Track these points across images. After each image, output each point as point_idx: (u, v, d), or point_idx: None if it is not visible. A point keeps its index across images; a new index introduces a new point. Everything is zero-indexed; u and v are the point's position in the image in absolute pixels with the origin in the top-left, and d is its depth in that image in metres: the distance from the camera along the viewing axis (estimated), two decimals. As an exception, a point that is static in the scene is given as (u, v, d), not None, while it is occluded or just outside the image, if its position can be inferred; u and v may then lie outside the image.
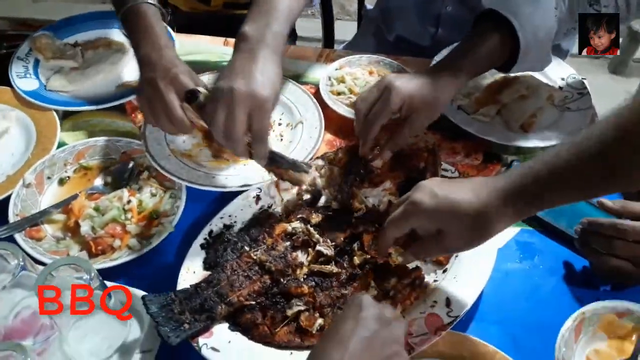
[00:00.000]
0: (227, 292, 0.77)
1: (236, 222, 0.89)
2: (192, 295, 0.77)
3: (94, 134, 1.08)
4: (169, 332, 0.73)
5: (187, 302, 0.76)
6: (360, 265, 0.81)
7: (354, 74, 1.17)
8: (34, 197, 0.95)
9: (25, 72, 1.17)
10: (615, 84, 2.68)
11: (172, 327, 0.73)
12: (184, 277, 0.81)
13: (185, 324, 0.74)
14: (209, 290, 0.77)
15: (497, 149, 1.03)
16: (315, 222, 0.87)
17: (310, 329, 0.74)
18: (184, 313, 0.75)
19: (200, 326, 0.74)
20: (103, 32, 1.27)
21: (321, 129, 1.04)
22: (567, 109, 1.09)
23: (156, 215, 0.91)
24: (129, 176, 0.97)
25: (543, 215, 0.91)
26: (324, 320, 0.75)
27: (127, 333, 0.78)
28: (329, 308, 0.76)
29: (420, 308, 0.76)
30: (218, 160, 1.02)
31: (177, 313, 0.75)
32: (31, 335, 0.77)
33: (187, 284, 0.80)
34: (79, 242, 0.89)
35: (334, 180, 0.92)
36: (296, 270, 0.80)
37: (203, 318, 0.75)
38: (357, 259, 0.81)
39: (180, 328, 0.74)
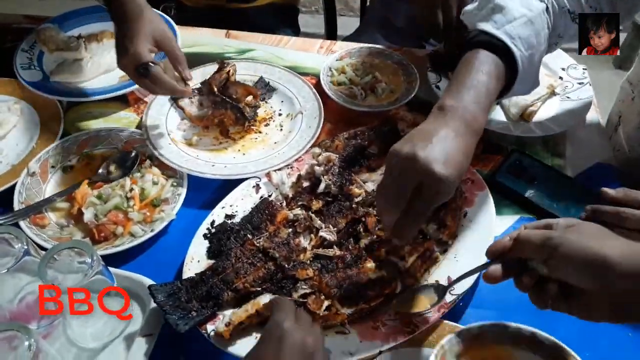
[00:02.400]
0: (233, 279, 0.78)
1: (237, 212, 0.90)
2: (198, 284, 0.78)
3: (96, 124, 1.10)
4: (177, 320, 0.74)
5: (194, 290, 0.77)
6: (368, 246, 0.82)
7: (354, 64, 1.18)
8: (38, 186, 0.96)
9: (29, 64, 1.18)
10: (619, 79, 2.65)
11: (180, 315, 0.74)
12: (188, 266, 0.83)
13: (192, 312, 0.75)
14: (215, 278, 0.78)
15: (497, 138, 1.04)
16: (316, 208, 0.88)
17: (317, 312, 0.75)
18: (191, 301, 0.76)
19: (207, 313, 0.76)
20: (107, 25, 1.27)
21: (320, 119, 1.05)
22: (567, 99, 1.09)
23: (158, 202, 0.93)
24: (131, 165, 0.98)
25: (543, 203, 0.92)
26: (330, 301, 0.76)
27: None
28: (336, 289, 0.77)
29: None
30: (217, 149, 1.03)
31: (184, 301, 0.76)
32: (35, 320, 0.79)
33: (192, 272, 0.81)
34: (82, 229, 0.91)
35: (332, 166, 0.92)
36: (299, 255, 0.81)
37: (210, 305, 0.76)
38: (363, 241, 0.82)
39: (188, 316, 0.75)
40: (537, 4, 0.82)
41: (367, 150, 0.95)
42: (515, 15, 0.79)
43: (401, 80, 1.14)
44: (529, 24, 0.79)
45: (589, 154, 1.03)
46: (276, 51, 1.27)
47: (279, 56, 1.25)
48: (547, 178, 0.96)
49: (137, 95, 1.15)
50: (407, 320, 0.75)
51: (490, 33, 0.78)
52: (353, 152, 0.95)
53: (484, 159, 1.01)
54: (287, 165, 0.97)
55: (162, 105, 1.09)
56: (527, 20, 0.79)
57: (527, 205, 0.93)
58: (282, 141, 1.04)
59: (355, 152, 0.95)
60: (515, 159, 0.98)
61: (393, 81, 1.15)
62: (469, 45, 0.80)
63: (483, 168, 0.99)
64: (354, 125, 1.03)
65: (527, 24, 0.79)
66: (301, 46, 1.28)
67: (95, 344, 0.77)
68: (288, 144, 1.02)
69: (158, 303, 0.75)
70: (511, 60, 0.78)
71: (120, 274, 0.81)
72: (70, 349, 0.77)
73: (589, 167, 1.01)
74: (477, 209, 0.88)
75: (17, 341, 0.63)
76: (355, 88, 1.12)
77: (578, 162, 1.01)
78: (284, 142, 1.03)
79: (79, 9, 1.32)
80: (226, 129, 1.05)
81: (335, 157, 0.94)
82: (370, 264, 0.79)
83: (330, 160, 0.93)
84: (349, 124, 1.06)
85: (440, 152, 0.66)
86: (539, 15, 0.81)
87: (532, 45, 0.80)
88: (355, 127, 1.01)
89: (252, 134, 1.07)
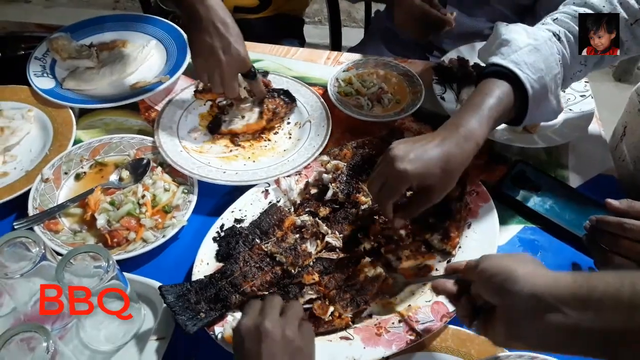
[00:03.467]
0: (241, 282, 0.80)
1: (246, 216, 0.92)
2: (207, 286, 0.80)
3: (108, 131, 1.12)
4: (186, 321, 0.75)
5: (203, 292, 0.79)
6: (370, 250, 0.84)
7: (361, 75, 1.20)
8: (51, 192, 0.98)
9: (42, 72, 1.21)
10: (620, 92, 2.70)
11: (189, 316, 0.76)
12: (197, 268, 0.84)
13: (201, 313, 0.77)
14: (223, 281, 0.80)
15: (502, 149, 1.06)
16: (323, 215, 0.90)
17: (323, 317, 0.76)
18: (200, 302, 0.78)
19: (215, 315, 0.77)
20: (118, 34, 1.31)
21: (328, 127, 1.08)
22: (569, 111, 1.11)
23: (169, 209, 0.94)
24: (143, 172, 1.00)
25: (547, 214, 0.94)
26: (334, 307, 0.78)
27: (141, 321, 0.81)
28: (335, 290, 0.79)
29: (427, 297, 0.79)
30: (228, 157, 1.05)
31: (193, 303, 0.78)
32: (50, 322, 0.80)
33: (201, 275, 0.83)
34: (95, 234, 0.92)
35: (340, 174, 0.94)
36: (306, 261, 0.83)
37: (218, 307, 0.78)
38: (366, 244, 0.85)
39: (197, 317, 0.76)
40: (542, 33, 0.89)
41: (375, 159, 0.96)
42: (520, 45, 0.86)
43: (407, 91, 1.17)
44: (534, 51, 0.85)
45: (591, 165, 1.05)
46: (284, 62, 1.29)
47: (287, 67, 1.27)
48: (551, 188, 0.98)
49: (147, 103, 1.17)
50: (411, 327, 0.76)
51: (498, 64, 0.85)
52: (361, 161, 0.97)
53: (489, 170, 1.03)
54: (296, 172, 0.99)
55: (173, 113, 1.12)
56: (533, 48, 0.86)
57: (531, 215, 0.95)
58: (291, 149, 1.06)
59: (363, 160, 0.97)
60: (519, 170, 1.00)
61: (399, 92, 1.17)
62: (481, 77, 0.87)
63: (487, 178, 1.01)
64: (360, 135, 1.05)
65: (532, 51, 0.85)
66: (308, 57, 1.31)
67: (109, 346, 0.79)
68: (297, 152, 1.04)
69: (168, 304, 0.77)
70: (520, 85, 0.83)
71: (132, 279, 0.82)
72: (84, 351, 0.79)
73: (591, 178, 1.03)
74: (481, 220, 0.90)
75: (34, 342, 0.65)
76: (362, 98, 1.14)
77: (581, 173, 1.04)
78: (293, 150, 1.05)
79: (90, 18, 1.35)
80: (237, 135, 1.09)
81: (343, 165, 0.96)
82: (366, 259, 0.82)
83: (339, 169, 0.96)
84: (356, 133, 1.08)
85: (408, 152, 0.76)
86: (544, 42, 0.87)
87: (539, 68, 0.85)
88: (362, 136, 1.04)
89: (262, 142, 1.09)
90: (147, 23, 1.34)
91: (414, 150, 0.76)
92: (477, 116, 0.80)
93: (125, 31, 1.32)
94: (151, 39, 1.30)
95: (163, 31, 1.31)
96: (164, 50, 1.28)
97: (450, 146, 0.77)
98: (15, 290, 0.78)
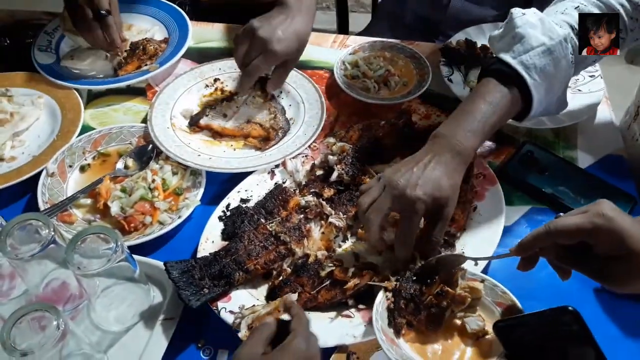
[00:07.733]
0: (245, 260, 0.81)
1: (252, 196, 0.93)
2: (211, 263, 0.81)
3: (116, 117, 1.13)
4: (189, 296, 0.77)
5: (207, 269, 0.80)
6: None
7: (367, 58, 1.19)
8: (59, 185, 0.98)
9: (47, 46, 1.23)
10: (631, 74, 2.66)
11: (193, 292, 0.77)
12: (203, 246, 0.86)
13: (205, 289, 0.78)
14: (228, 258, 0.81)
15: (510, 130, 1.05)
16: (328, 196, 0.90)
17: (346, 279, 0.77)
18: (204, 279, 0.79)
19: (219, 291, 0.79)
20: (125, 17, 1.31)
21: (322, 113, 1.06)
22: (578, 91, 1.10)
23: (180, 191, 0.96)
24: (148, 158, 1.01)
25: (555, 194, 0.93)
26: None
27: (150, 302, 0.82)
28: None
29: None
30: (211, 142, 1.06)
31: (197, 279, 0.79)
32: (61, 304, 0.82)
33: (206, 252, 0.84)
34: (110, 222, 0.93)
35: (346, 156, 0.94)
36: (310, 240, 0.84)
37: (222, 284, 0.79)
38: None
39: (200, 292, 0.78)
40: (559, 30, 0.84)
41: (381, 142, 0.96)
42: (534, 44, 0.82)
43: (414, 74, 1.16)
44: (547, 53, 0.82)
45: (600, 145, 1.04)
46: (290, 45, 1.28)
47: (293, 50, 1.27)
48: (559, 169, 0.97)
49: (155, 90, 1.18)
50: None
51: (506, 63, 0.82)
52: (367, 143, 0.97)
53: (496, 151, 1.03)
54: (301, 153, 0.99)
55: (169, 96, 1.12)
56: (546, 49, 0.82)
57: (539, 195, 0.95)
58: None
59: (369, 143, 0.97)
60: (527, 151, 1.00)
61: (406, 74, 1.16)
62: (485, 72, 0.85)
63: (495, 160, 1.01)
64: (367, 118, 1.05)
65: (544, 54, 0.82)
66: (314, 40, 1.29)
67: (119, 327, 0.80)
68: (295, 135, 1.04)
69: (172, 279, 0.78)
70: (526, 88, 0.82)
71: (142, 261, 0.83)
72: (95, 331, 0.80)
73: (600, 158, 1.02)
74: (488, 203, 0.89)
75: (45, 321, 0.66)
76: (369, 81, 1.14)
77: (589, 154, 1.03)
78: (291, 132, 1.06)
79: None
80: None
81: (349, 147, 0.96)
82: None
83: (344, 150, 0.96)
84: (363, 116, 1.08)
85: (409, 178, 0.74)
86: (559, 43, 0.83)
87: (549, 74, 0.83)
88: (369, 120, 1.03)
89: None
90: (151, 5, 1.34)
91: (415, 175, 0.75)
92: (473, 130, 0.79)
93: (133, 13, 1.33)
94: (155, 22, 1.31)
95: (165, 13, 1.33)
96: (165, 33, 1.29)
97: (448, 166, 0.77)
98: (27, 272, 0.79)
